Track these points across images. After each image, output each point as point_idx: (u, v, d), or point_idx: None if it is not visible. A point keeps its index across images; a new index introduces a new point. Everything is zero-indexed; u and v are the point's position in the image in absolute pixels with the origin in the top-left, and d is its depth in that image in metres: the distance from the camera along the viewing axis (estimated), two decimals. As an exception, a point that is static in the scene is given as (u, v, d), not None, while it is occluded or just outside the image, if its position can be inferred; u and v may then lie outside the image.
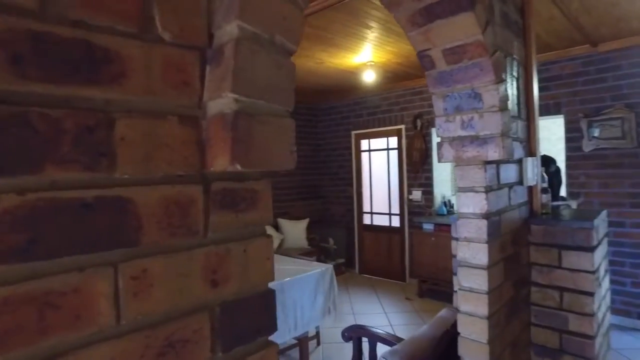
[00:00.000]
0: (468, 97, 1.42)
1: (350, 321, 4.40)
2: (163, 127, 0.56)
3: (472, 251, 1.45)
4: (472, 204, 1.45)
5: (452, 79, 1.42)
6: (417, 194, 5.48)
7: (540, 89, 4.37)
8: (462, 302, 1.50)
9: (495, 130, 1.39)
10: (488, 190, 1.44)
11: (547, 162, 2.40)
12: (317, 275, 3.60)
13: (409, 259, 5.65)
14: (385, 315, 4.60)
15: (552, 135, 5.41)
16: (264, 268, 0.68)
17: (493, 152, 1.40)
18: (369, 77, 4.60)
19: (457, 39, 1.34)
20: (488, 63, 1.34)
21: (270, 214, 0.68)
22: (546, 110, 4.19)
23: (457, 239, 1.50)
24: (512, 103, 1.62)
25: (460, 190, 1.49)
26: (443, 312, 1.93)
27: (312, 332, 3.71)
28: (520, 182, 1.80)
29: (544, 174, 2.13)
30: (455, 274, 1.53)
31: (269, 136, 0.61)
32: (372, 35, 3.79)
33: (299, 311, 3.37)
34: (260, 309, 0.67)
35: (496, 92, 1.36)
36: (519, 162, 1.80)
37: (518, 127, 1.74)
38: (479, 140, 1.42)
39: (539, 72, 4.32)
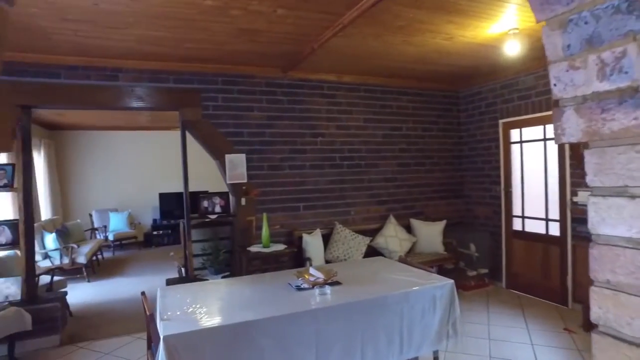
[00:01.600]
0: (613, 13, 0.72)
1: (483, 348, 3.60)
2: None
3: (622, 310, 0.76)
4: (624, 221, 0.75)
5: (577, -14, 0.75)
6: (584, 196, 4.18)
7: None
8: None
9: (677, 74, 0.67)
10: (661, 194, 0.73)
11: None
12: (433, 290, 2.98)
13: (571, 277, 4.41)
14: (531, 347, 3.62)
15: None
16: None
17: (672, 119, 0.68)
18: (512, 49, 3.66)
19: None
20: None
21: None
22: None
23: (593, 282, 0.82)
24: None
25: (595, 193, 0.80)
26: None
27: (428, 357, 3.11)
28: None
29: None
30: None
31: None
32: (511, -10, 2.94)
33: (406, 332, 2.83)
34: None
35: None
36: None
37: None
38: (638, 97, 0.72)
39: None
